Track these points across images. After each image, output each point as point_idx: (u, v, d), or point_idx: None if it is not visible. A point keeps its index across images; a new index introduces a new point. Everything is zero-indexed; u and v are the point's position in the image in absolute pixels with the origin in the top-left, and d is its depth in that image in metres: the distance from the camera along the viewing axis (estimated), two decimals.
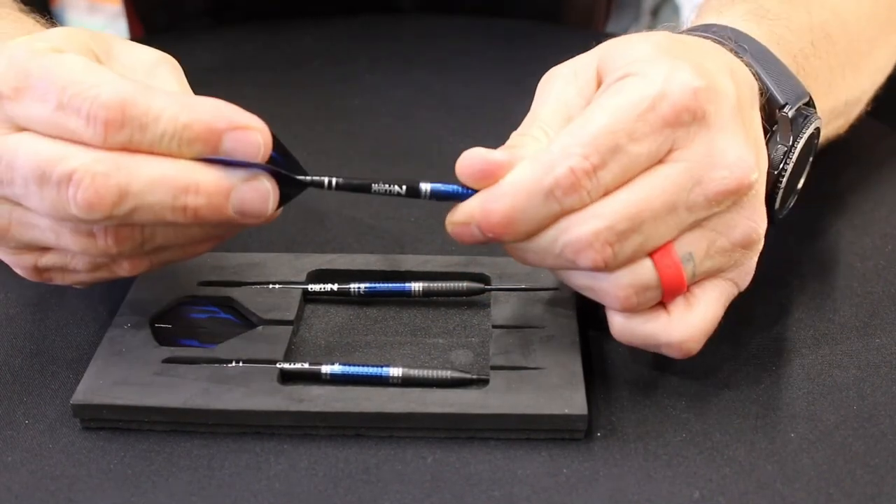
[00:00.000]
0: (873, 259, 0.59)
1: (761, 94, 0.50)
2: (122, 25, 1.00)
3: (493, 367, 0.48)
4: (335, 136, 0.74)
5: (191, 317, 0.51)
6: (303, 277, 0.55)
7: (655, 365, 0.51)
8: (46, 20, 0.56)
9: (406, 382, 0.48)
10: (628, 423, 0.48)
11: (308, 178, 0.46)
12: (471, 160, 0.45)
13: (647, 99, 0.44)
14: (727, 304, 0.48)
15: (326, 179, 0.46)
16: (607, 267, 0.44)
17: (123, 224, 0.45)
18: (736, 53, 0.50)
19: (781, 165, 0.50)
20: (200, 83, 0.81)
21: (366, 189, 0.47)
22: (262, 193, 0.45)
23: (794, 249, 0.60)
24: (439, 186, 0.46)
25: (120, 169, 0.43)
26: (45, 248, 0.48)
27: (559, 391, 0.47)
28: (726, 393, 0.49)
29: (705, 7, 0.58)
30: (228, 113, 0.44)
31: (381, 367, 0.48)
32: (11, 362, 0.51)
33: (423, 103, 0.78)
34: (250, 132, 0.44)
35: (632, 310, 0.46)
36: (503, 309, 0.52)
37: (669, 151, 0.44)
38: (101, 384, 0.47)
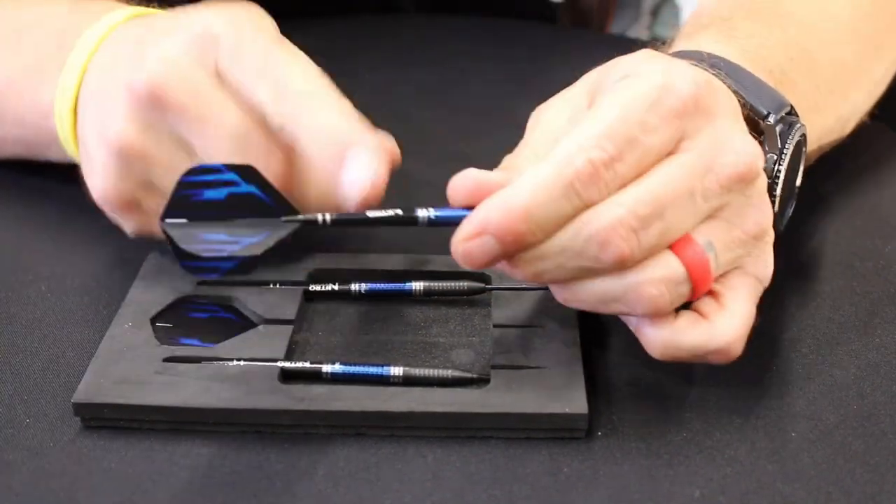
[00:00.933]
0: (873, 259, 0.59)
1: (742, 107, 0.50)
2: None
3: (494, 367, 0.48)
4: None
5: (191, 316, 0.51)
6: (303, 277, 0.55)
7: (655, 364, 0.51)
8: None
9: (407, 381, 0.48)
10: (629, 422, 0.48)
11: (301, 216, 0.46)
12: (463, 181, 0.45)
13: (654, 91, 0.44)
14: (757, 301, 0.48)
15: (320, 217, 0.46)
16: (633, 257, 0.43)
17: None
18: (709, 72, 0.50)
19: (773, 173, 0.51)
20: None
21: (363, 222, 0.46)
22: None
23: (793, 249, 0.60)
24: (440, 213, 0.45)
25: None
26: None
27: (560, 390, 0.47)
28: (726, 392, 0.49)
29: (678, 35, 0.58)
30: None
31: (382, 366, 0.48)
32: (12, 361, 0.51)
33: (423, 103, 0.78)
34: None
35: (664, 310, 0.45)
36: (504, 308, 0.52)
37: (678, 142, 0.45)
38: (101, 383, 0.47)
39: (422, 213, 0.45)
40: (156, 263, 0.55)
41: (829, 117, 0.59)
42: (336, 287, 0.54)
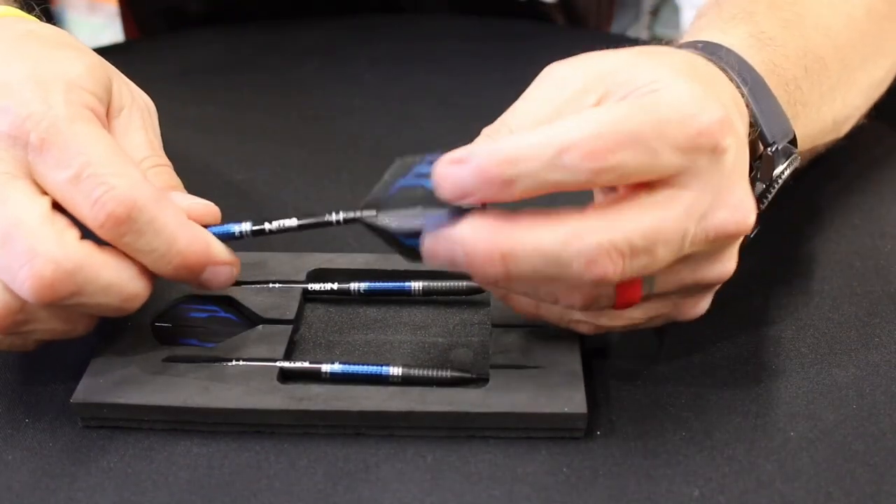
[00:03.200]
0: (873, 259, 0.59)
1: (751, 128, 0.50)
2: (118, 25, 1.00)
3: (493, 366, 0.48)
4: (335, 135, 0.74)
5: (191, 316, 0.51)
6: (303, 276, 0.55)
7: (655, 364, 0.51)
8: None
9: (406, 381, 0.48)
10: (628, 421, 0.48)
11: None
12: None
13: (680, 113, 0.42)
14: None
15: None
16: (611, 282, 0.43)
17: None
18: (737, 85, 0.50)
19: (759, 203, 0.50)
20: (200, 83, 0.82)
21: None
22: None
23: (793, 249, 0.60)
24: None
25: (83, 269, 0.44)
26: None
27: (559, 390, 0.47)
28: (726, 392, 0.49)
29: (707, 18, 0.58)
30: (215, 248, 0.47)
31: (381, 365, 0.48)
32: (12, 361, 0.51)
33: (423, 103, 0.78)
34: (227, 268, 0.48)
35: (583, 309, 0.46)
36: (503, 308, 0.52)
37: (678, 175, 0.43)
38: (101, 383, 0.47)
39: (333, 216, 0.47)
40: None
41: (827, 119, 0.59)
42: (336, 287, 0.54)
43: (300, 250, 0.56)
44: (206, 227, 0.48)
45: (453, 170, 0.42)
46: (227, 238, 0.48)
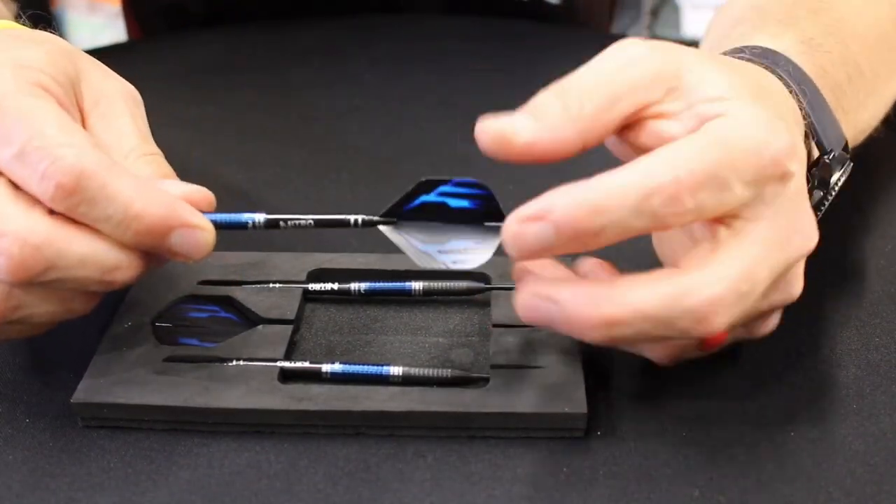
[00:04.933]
0: (873, 259, 0.59)
1: (808, 138, 0.50)
2: (120, 25, 1.00)
3: (493, 366, 0.48)
4: (335, 135, 0.74)
5: (191, 316, 0.51)
6: (303, 276, 0.55)
7: (655, 365, 0.51)
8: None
9: (406, 381, 0.48)
10: (628, 421, 0.48)
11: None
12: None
13: (753, 144, 0.42)
14: (766, 270, 0.43)
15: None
16: (713, 333, 0.42)
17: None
18: (796, 95, 0.50)
19: (816, 212, 0.50)
20: (200, 83, 0.82)
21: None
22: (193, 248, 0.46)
23: None
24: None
25: (52, 243, 0.43)
26: None
27: (559, 390, 0.47)
28: (726, 392, 0.49)
29: (750, 24, 0.57)
30: (181, 211, 0.45)
31: (382, 365, 0.48)
32: (12, 361, 0.51)
33: (423, 103, 0.78)
34: (198, 231, 0.45)
35: (669, 362, 0.46)
36: (503, 308, 0.52)
37: (748, 205, 0.42)
38: (101, 383, 0.47)
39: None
40: None
41: (860, 127, 0.59)
42: (336, 287, 0.54)
43: (300, 250, 0.56)
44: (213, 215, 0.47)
45: (531, 228, 0.41)
46: (237, 227, 0.47)
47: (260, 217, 0.47)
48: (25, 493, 0.44)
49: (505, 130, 0.43)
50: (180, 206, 0.45)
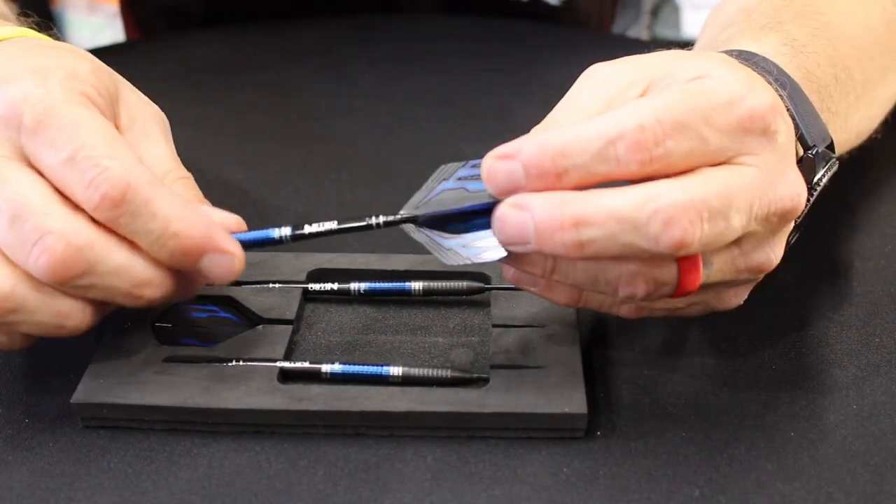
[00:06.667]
0: (873, 259, 0.59)
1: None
2: (119, 26, 1.00)
3: (494, 366, 0.48)
4: (335, 135, 0.74)
5: (191, 316, 0.51)
6: (303, 277, 0.55)
7: (655, 364, 0.51)
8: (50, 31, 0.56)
9: (406, 381, 0.48)
10: (628, 421, 0.48)
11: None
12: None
13: (728, 97, 0.43)
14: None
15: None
16: (689, 247, 0.41)
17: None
18: (776, 89, 0.50)
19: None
20: (200, 83, 0.82)
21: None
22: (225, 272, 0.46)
23: (793, 249, 0.60)
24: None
25: (94, 247, 0.44)
26: None
27: (559, 390, 0.47)
28: (726, 392, 0.49)
29: (735, 28, 0.57)
30: (217, 236, 0.46)
31: (382, 366, 0.48)
32: (12, 361, 0.51)
33: (423, 103, 0.78)
34: (228, 257, 0.46)
35: (636, 298, 0.45)
36: (503, 308, 0.52)
37: (734, 156, 0.43)
38: (101, 383, 0.47)
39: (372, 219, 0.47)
40: None
41: (852, 129, 0.59)
42: (336, 287, 0.54)
43: (300, 250, 0.56)
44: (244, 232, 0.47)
45: (502, 164, 0.42)
46: (267, 243, 0.47)
47: (286, 231, 0.47)
48: (25, 493, 0.44)
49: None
50: (216, 231, 0.46)
